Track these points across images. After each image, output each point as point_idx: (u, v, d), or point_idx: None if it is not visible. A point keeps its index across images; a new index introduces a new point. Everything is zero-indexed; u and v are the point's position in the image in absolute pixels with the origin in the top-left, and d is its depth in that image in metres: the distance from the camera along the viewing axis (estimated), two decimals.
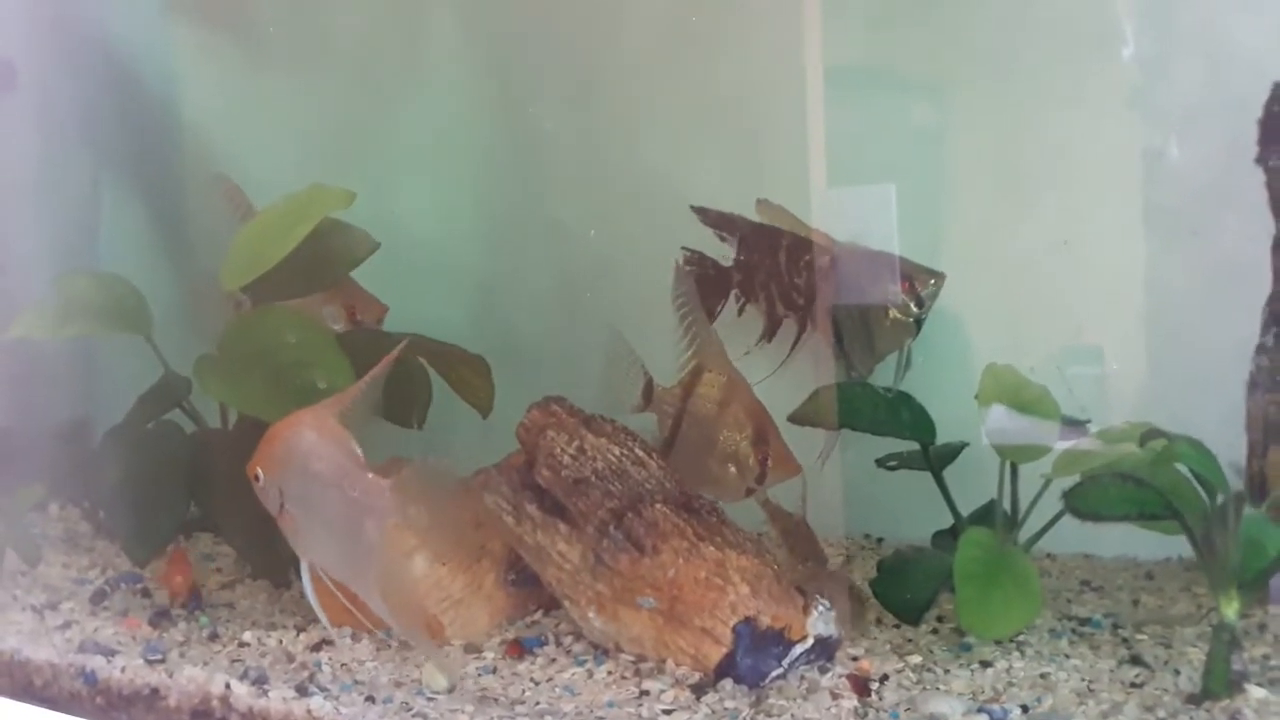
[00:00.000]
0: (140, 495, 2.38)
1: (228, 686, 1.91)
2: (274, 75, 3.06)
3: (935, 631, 2.02)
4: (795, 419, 2.22)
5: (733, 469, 2.17)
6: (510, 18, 2.83)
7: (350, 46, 3.01)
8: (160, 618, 2.26)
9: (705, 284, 2.39)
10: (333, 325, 2.53)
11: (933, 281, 2.26)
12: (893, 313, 2.29)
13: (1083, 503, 1.76)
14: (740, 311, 2.41)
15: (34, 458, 2.70)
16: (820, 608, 1.85)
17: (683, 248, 2.43)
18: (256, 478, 1.92)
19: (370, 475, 1.83)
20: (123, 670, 2.01)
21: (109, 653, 2.07)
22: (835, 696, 1.77)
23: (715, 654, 1.83)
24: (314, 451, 1.87)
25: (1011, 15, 2.33)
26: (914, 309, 2.27)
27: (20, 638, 2.19)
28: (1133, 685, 1.77)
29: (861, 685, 1.79)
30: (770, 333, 2.38)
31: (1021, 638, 1.94)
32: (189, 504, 2.40)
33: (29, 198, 2.99)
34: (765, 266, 2.37)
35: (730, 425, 2.17)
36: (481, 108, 2.89)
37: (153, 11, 3.18)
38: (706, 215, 2.43)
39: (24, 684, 2.10)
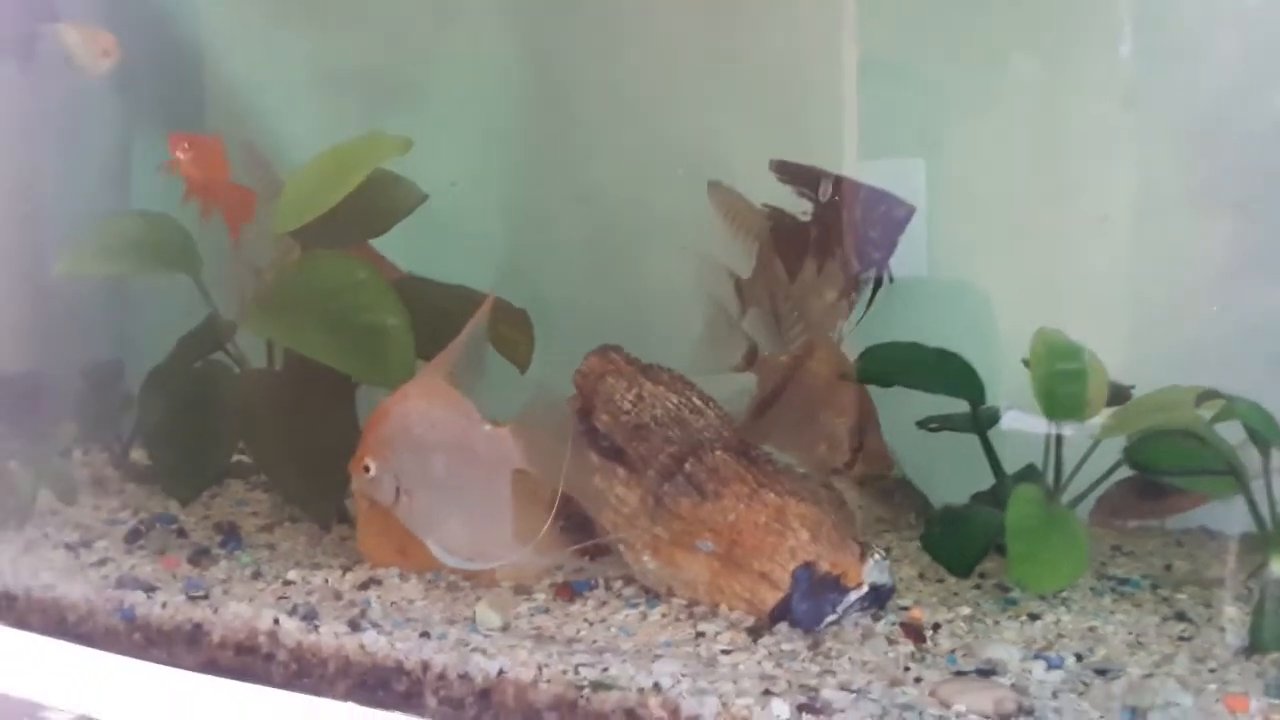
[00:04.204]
0: (186, 434, 2.38)
1: (276, 621, 1.88)
2: (305, 30, 3.06)
3: (978, 587, 2.05)
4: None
5: (824, 447, 2.20)
6: None
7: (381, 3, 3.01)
8: (200, 556, 2.24)
9: (784, 241, 2.38)
10: None
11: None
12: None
13: (1143, 456, 1.80)
14: (819, 270, 2.38)
15: (63, 401, 2.69)
16: (876, 556, 1.88)
17: (764, 205, 2.42)
18: (367, 469, 1.89)
19: (488, 427, 1.83)
20: (164, 606, 1.98)
21: (149, 588, 2.04)
22: (891, 642, 1.80)
23: (771, 598, 1.85)
24: (428, 419, 1.85)
25: None
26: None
27: (53, 573, 2.15)
28: (1180, 639, 1.81)
29: (916, 632, 1.83)
30: (851, 288, 2.35)
31: (1065, 595, 1.97)
32: (236, 444, 2.40)
33: (60, 150, 2.97)
34: (842, 222, 2.35)
35: (834, 407, 2.20)
36: (514, 67, 2.89)
37: None
38: (785, 170, 2.38)
39: (56, 620, 2.06)
